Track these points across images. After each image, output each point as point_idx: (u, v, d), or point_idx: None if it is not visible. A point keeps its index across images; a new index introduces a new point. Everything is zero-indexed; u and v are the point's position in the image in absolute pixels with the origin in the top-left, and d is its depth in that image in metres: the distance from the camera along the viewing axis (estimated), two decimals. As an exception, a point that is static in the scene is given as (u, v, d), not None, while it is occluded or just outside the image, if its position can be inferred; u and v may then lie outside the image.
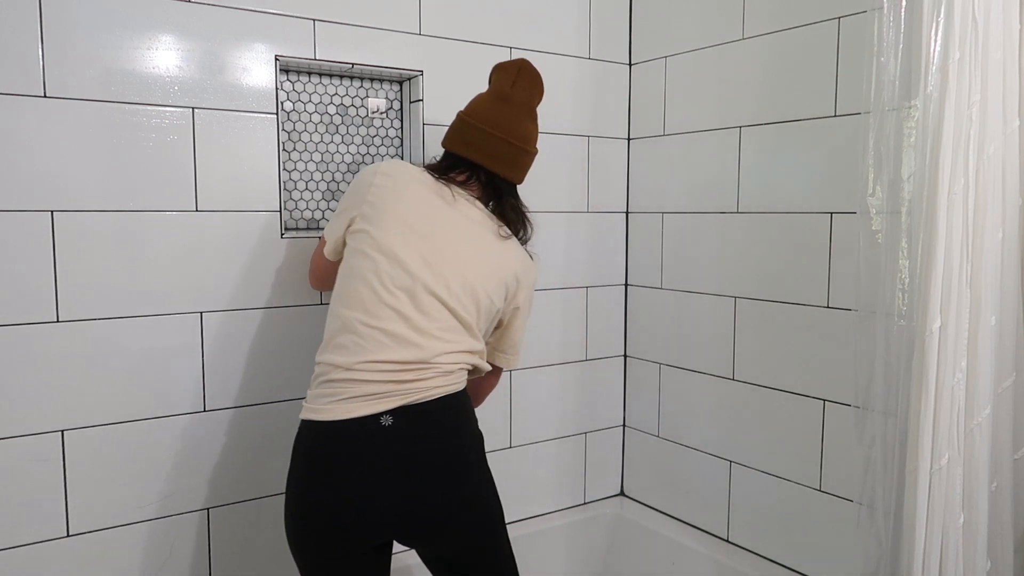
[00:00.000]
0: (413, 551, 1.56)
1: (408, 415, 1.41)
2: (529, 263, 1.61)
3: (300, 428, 1.47)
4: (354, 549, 1.43)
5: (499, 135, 1.54)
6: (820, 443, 1.87)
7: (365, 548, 1.44)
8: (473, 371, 1.55)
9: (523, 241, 1.62)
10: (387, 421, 1.40)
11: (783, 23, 1.90)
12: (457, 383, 1.48)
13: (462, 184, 1.56)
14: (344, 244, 1.53)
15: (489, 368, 1.59)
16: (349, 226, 1.51)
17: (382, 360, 1.41)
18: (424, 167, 1.57)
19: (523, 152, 1.58)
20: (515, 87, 1.57)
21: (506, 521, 1.55)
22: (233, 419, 1.78)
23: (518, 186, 1.63)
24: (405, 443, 1.40)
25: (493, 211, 1.59)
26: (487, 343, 1.60)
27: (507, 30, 2.09)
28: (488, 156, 1.55)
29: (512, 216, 1.59)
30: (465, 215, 1.52)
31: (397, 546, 1.58)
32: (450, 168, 1.57)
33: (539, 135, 1.62)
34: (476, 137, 1.55)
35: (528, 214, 1.63)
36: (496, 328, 1.63)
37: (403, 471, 1.40)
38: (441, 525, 1.44)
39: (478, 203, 1.56)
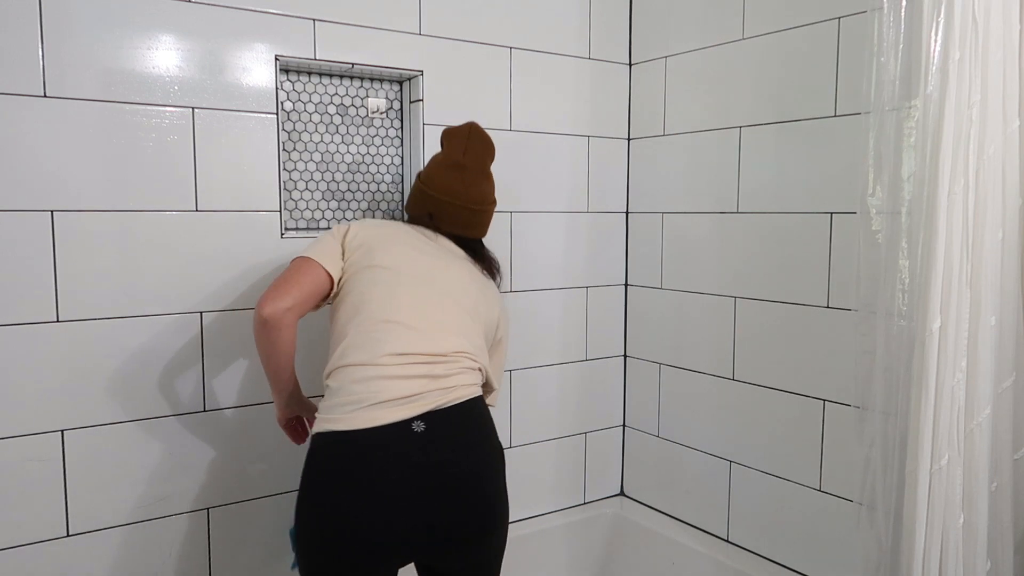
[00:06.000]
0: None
1: (443, 420, 1.31)
2: (503, 303, 1.65)
3: (313, 442, 1.34)
4: (377, 570, 1.34)
5: (458, 203, 1.59)
6: (820, 443, 1.87)
7: (389, 568, 1.36)
8: (484, 385, 1.51)
9: (497, 285, 1.68)
10: (419, 427, 1.29)
11: (783, 23, 1.90)
12: (479, 385, 1.44)
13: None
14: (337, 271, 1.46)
15: (496, 387, 1.59)
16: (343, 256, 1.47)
17: (408, 352, 1.34)
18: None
19: (482, 213, 1.63)
20: (467, 154, 1.60)
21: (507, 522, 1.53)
22: (233, 419, 1.78)
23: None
24: (441, 452, 1.29)
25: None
26: None
27: (507, 30, 2.09)
28: (452, 223, 1.60)
29: (488, 264, 1.65)
30: (448, 249, 1.57)
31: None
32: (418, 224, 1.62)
33: (495, 186, 1.66)
34: (436, 206, 1.59)
35: (496, 262, 1.69)
36: None
37: (438, 486, 1.29)
38: (466, 543, 1.35)
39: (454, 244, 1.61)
